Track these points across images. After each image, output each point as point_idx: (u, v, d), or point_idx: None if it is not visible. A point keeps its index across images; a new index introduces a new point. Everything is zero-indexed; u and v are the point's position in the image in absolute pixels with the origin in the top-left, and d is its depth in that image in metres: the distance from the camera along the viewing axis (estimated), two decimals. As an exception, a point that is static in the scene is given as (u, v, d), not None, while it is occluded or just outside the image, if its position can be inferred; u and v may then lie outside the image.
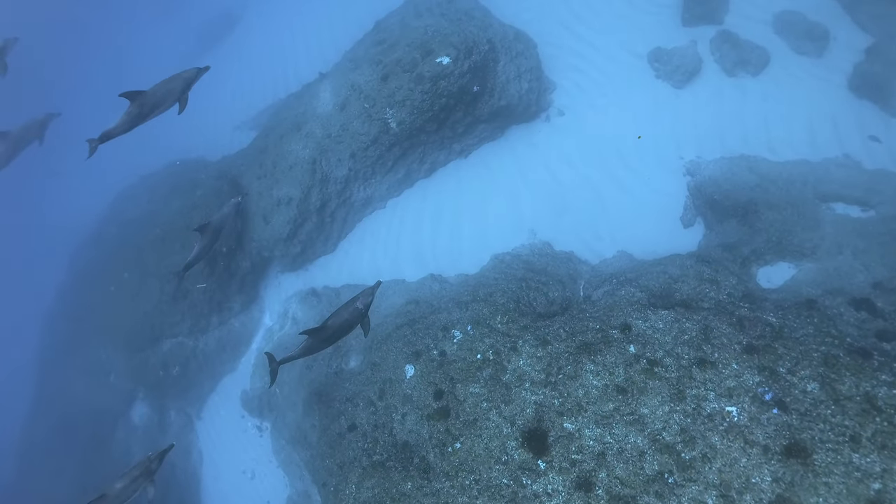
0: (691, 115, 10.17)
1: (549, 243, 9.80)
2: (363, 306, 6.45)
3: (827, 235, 8.14)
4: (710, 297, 7.69)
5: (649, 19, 11.32)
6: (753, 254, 8.50)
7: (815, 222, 8.31)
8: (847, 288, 7.39)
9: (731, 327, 6.76)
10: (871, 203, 8.25)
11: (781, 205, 8.53)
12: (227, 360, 12.28)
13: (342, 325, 6.44)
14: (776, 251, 8.43)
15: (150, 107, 6.42)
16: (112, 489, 6.98)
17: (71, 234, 16.19)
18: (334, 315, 6.44)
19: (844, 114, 9.30)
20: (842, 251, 7.87)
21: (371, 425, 7.97)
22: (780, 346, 6.28)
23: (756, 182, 8.91)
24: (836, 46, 9.90)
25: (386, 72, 10.43)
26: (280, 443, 10.77)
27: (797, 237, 8.26)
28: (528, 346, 7.32)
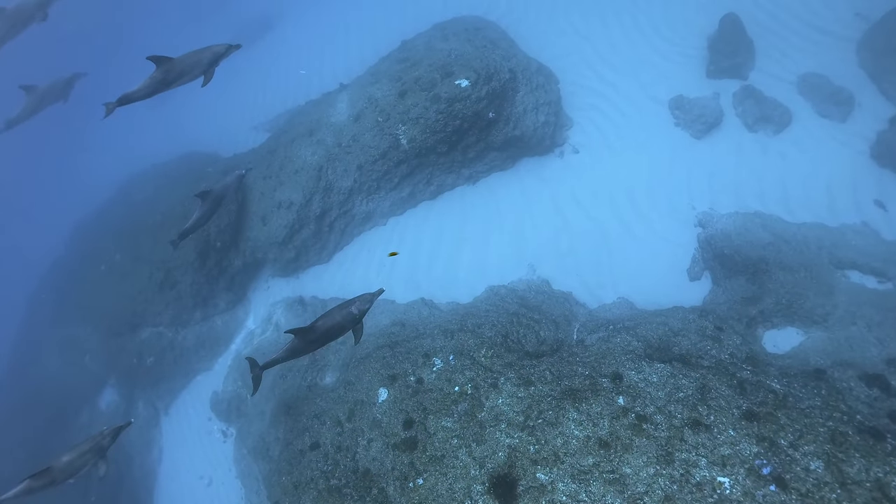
0: (708, 167, 9.90)
1: (548, 281, 9.41)
2: (358, 311, 5.85)
3: (840, 304, 7.67)
4: (710, 355, 7.21)
5: (674, 67, 11.22)
6: (761, 315, 8.03)
7: (828, 288, 7.86)
8: (859, 361, 6.88)
9: (731, 390, 6.28)
10: (888, 275, 7.82)
11: (794, 266, 8.10)
12: (204, 358, 11.96)
13: (332, 328, 5.85)
14: (785, 314, 7.97)
15: (175, 74, 6.25)
16: (59, 461, 6.58)
17: (79, 209, 16.20)
18: (325, 316, 5.85)
19: (865, 181, 8.98)
20: (855, 322, 7.39)
21: (335, 447, 7.55)
22: (783, 415, 5.78)
23: (769, 240, 8.51)
24: (861, 113, 9.67)
25: (404, 88, 10.39)
26: (242, 451, 10.32)
27: (809, 302, 7.80)
28: (510, 385, 6.88)
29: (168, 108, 20.16)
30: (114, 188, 15.83)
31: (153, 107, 20.81)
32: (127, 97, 6.15)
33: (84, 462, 6.69)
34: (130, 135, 20.55)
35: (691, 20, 11.67)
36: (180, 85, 6.44)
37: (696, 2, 11.97)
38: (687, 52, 11.33)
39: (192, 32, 21.21)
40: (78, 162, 22.35)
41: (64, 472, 6.56)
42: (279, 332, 10.90)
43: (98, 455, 6.78)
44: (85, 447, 6.72)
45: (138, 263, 12.03)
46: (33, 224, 19.99)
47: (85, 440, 6.85)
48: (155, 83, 6.16)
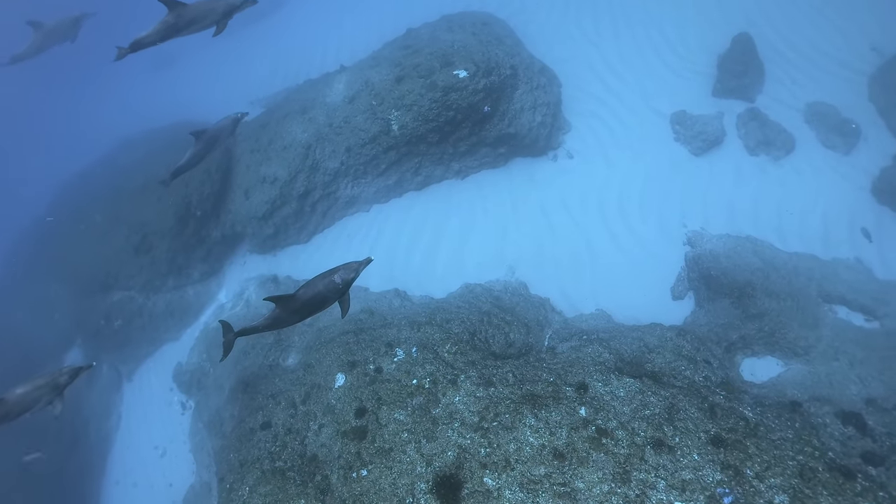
0: (703, 185, 9.60)
1: (526, 285, 9.08)
2: (341, 281, 5.15)
3: (824, 338, 7.36)
4: (684, 376, 6.88)
5: (680, 82, 10.96)
6: (741, 340, 7.72)
7: (814, 321, 7.55)
8: (837, 398, 6.56)
9: (701, 413, 5.94)
10: (877, 314, 7.52)
11: (781, 295, 7.79)
12: (172, 328, 11.65)
13: (314, 297, 5.19)
14: (766, 343, 7.65)
15: (187, 20, 5.98)
16: (11, 394, 6.15)
17: (72, 164, 15.86)
18: (307, 285, 5.20)
19: (863, 217, 8.71)
20: (838, 357, 7.09)
21: (285, 428, 7.27)
22: (751, 444, 5.45)
23: (758, 266, 8.20)
24: (866, 147, 9.42)
25: (402, 74, 10.11)
26: (198, 425, 10.03)
27: (792, 332, 7.48)
28: (469, 384, 6.53)
29: (169, 74, 19.94)
30: (103, 149, 15.52)
31: (155, 69, 20.62)
32: (138, 42, 5.90)
33: (39, 397, 6.26)
34: (130, 94, 20.25)
35: (704, 37, 11.43)
36: (192, 32, 6.19)
37: (710, 20, 11.75)
38: (696, 68, 11.08)
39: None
40: (83, 113, 21.98)
41: (17, 405, 6.15)
42: (249, 308, 10.57)
43: (54, 392, 6.34)
44: (41, 381, 6.29)
45: (116, 225, 11.74)
46: (30, 171, 19.52)
47: (41, 375, 6.44)
48: (166, 28, 5.91)
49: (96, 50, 12.74)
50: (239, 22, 18.54)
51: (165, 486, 10.02)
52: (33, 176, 17.72)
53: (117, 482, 10.69)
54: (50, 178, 16.26)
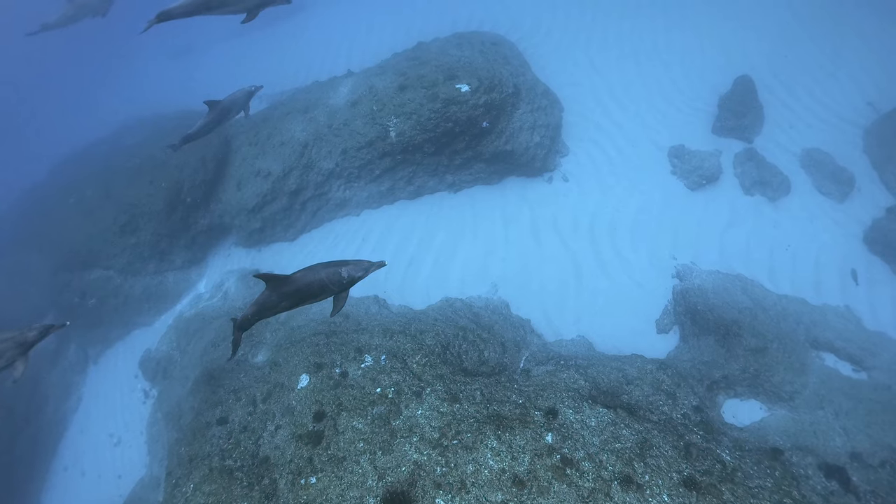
0: (696, 220, 9.45)
1: (508, 304, 8.82)
2: (347, 276, 4.54)
3: (810, 384, 7.08)
4: (661, 411, 6.58)
5: (681, 118, 10.95)
6: (724, 380, 7.42)
7: (800, 366, 7.27)
8: (821, 449, 6.25)
9: (676, 451, 5.63)
10: (864, 364, 7.25)
11: (769, 336, 7.53)
12: (147, 312, 11.38)
13: (311, 284, 4.56)
14: (750, 385, 7.36)
15: (219, 1, 5.88)
16: None
17: (78, 139, 15.74)
18: (307, 270, 4.58)
19: (855, 265, 8.54)
20: (823, 406, 6.79)
21: (241, 426, 6.96)
22: (727, 490, 5.13)
23: (747, 305, 7.97)
24: (859, 197, 9.36)
25: (405, 83, 10.10)
26: (157, 416, 9.69)
27: (777, 376, 7.20)
28: (434, 398, 6.23)
29: (183, 64, 20.09)
30: (109, 128, 15.42)
31: (171, 58, 20.83)
32: (167, 13, 5.78)
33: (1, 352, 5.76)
34: (143, 78, 20.37)
35: (707, 77, 11.51)
36: (221, 14, 6.11)
37: (715, 61, 11.87)
38: (697, 105, 11.10)
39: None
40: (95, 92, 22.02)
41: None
42: (227, 300, 10.31)
43: (18, 350, 5.69)
44: (6, 335, 5.69)
45: (106, 203, 11.56)
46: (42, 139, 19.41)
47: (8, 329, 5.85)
48: (197, 4, 5.82)
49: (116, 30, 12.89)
50: (257, 22, 18.96)
51: (114, 477, 9.56)
52: (38, 147, 17.57)
53: (66, 468, 10.20)
54: (53, 151, 16.09)
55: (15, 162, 18.20)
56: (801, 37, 12.32)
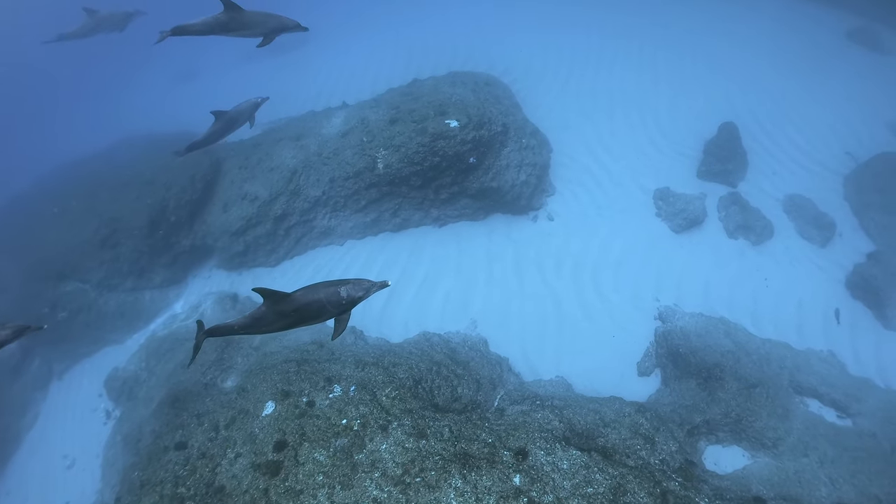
0: (680, 263, 9.41)
1: (486, 341, 8.63)
2: (347, 297, 4.18)
3: (794, 431, 6.83)
4: (638, 455, 6.31)
5: (667, 161, 11.11)
6: (706, 425, 7.17)
7: (784, 412, 7.05)
8: (806, 499, 5.97)
9: (651, 499, 5.36)
10: (849, 411, 7.03)
11: (751, 380, 7.34)
12: (119, 330, 11.00)
13: (311, 304, 4.22)
14: (732, 431, 7.10)
15: (239, 23, 5.94)
16: None
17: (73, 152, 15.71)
18: (308, 289, 4.26)
19: (838, 308, 8.42)
20: (807, 454, 6.52)
21: (200, 452, 6.66)
22: (702, 541, 4.84)
23: (730, 348, 7.81)
24: (841, 242, 9.39)
25: (397, 116, 10.31)
26: (116, 438, 9.24)
27: (760, 422, 6.96)
28: (400, 432, 5.97)
29: (189, 85, 20.41)
30: (106, 143, 15.47)
31: (178, 79, 21.22)
32: (183, 28, 5.86)
33: None
34: (147, 98, 20.50)
35: (692, 124, 11.78)
36: (239, 36, 6.21)
37: (700, 109, 12.20)
38: (683, 150, 11.29)
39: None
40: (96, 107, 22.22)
41: None
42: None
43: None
44: None
45: (89, 215, 11.44)
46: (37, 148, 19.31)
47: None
48: (216, 24, 5.93)
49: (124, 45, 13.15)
50: (265, 51, 19.47)
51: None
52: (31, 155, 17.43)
53: (8, 493, 9.59)
54: (46, 160, 16.03)
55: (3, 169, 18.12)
56: (783, 88, 12.78)
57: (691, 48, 14.33)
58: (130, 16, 10.10)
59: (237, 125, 8.19)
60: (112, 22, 10.04)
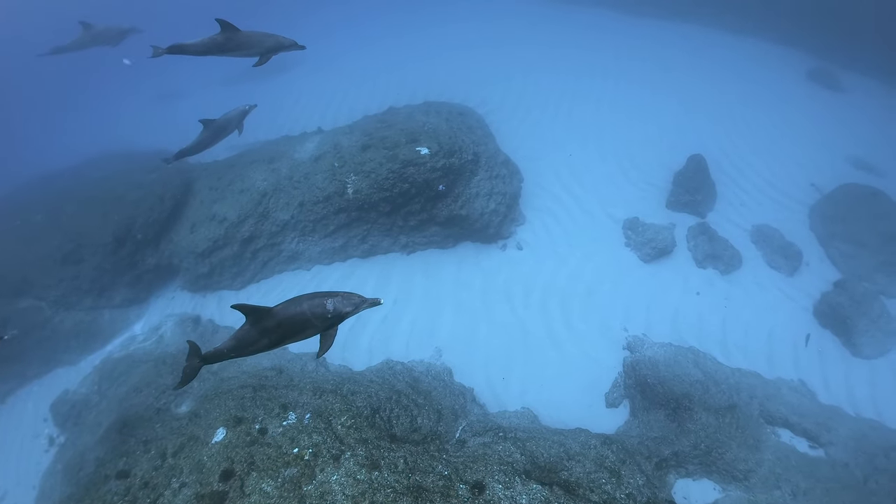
0: (649, 292, 9.33)
1: (451, 370, 8.35)
2: (333, 311, 3.85)
3: (765, 462, 6.60)
4: (603, 490, 6.01)
5: (637, 192, 11.23)
6: (675, 457, 6.91)
7: (755, 442, 6.83)
8: (774, 536, 5.67)
9: (614, 536, 5.06)
10: (820, 441, 6.84)
11: (721, 411, 7.14)
12: (73, 350, 10.44)
13: (293, 318, 3.87)
14: (702, 463, 6.84)
15: (235, 44, 5.89)
16: None
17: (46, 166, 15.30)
18: (290, 302, 3.94)
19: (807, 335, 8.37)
20: (780, 485, 6.29)
21: (143, 482, 6.18)
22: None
23: (699, 378, 7.64)
24: (808, 271, 9.45)
25: (369, 143, 10.32)
26: (56, 467, 8.62)
27: (731, 453, 6.72)
28: (353, 463, 5.63)
29: (168, 105, 20.25)
30: (80, 158, 15.10)
31: (158, 98, 21.11)
32: (180, 47, 5.80)
33: None
34: (125, 116, 20.16)
35: (663, 156, 11.99)
36: (235, 56, 6.17)
37: (671, 142, 12.48)
38: (653, 181, 11.44)
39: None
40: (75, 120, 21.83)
41: None
42: (161, 344, 9.68)
43: None
44: None
45: (53, 230, 11.10)
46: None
47: None
48: (213, 44, 5.89)
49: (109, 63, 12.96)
50: (246, 75, 19.57)
51: (-18, 544, 8.26)
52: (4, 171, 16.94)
53: None
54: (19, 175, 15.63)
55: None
56: (750, 122, 13.19)
57: (664, 85, 14.86)
58: (126, 32, 10.14)
59: (226, 133, 8.21)
60: (107, 37, 10.07)
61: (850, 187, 10.79)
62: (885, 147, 12.75)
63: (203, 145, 8.06)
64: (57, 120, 22.35)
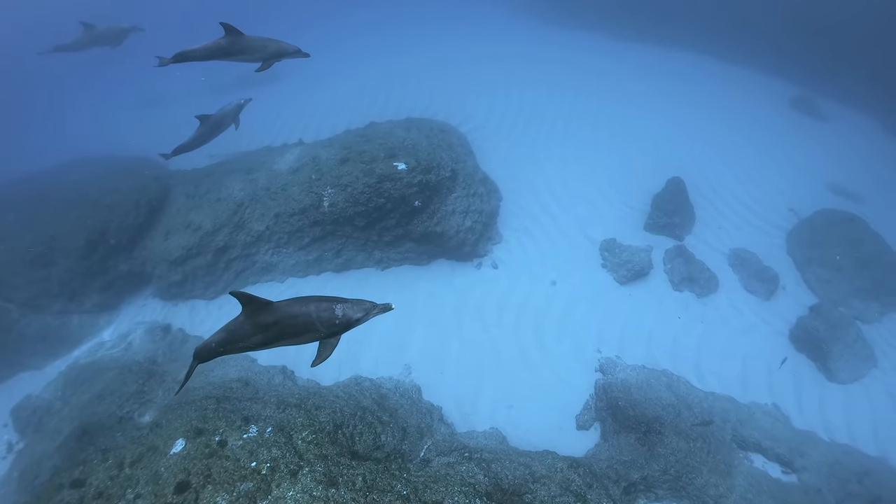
0: (624, 314, 9.24)
1: (420, 388, 8.14)
2: (341, 317, 3.39)
3: (737, 488, 6.45)
4: (567, 515, 5.82)
5: (615, 213, 11.24)
6: (644, 482, 6.73)
7: (727, 468, 6.68)
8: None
9: (576, 564, 4.86)
10: (794, 466, 6.71)
11: (692, 435, 7.01)
12: (38, 354, 10.13)
13: (295, 318, 3.42)
14: (672, 488, 6.67)
15: (238, 48, 5.80)
16: None
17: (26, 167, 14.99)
18: (295, 300, 3.53)
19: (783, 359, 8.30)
20: (748, 513, 6.11)
21: (97, 492, 5.94)
22: None
23: (671, 402, 7.51)
24: (784, 295, 9.42)
25: (347, 156, 10.28)
26: (12, 475, 8.26)
27: (701, 479, 6.56)
28: (310, 479, 5.43)
29: (153, 111, 20.04)
30: (60, 160, 14.84)
31: (144, 103, 20.93)
32: (184, 55, 5.68)
33: None
34: (110, 120, 19.93)
35: (643, 179, 12.05)
36: (237, 61, 6.04)
37: (651, 165, 12.56)
38: (631, 203, 11.47)
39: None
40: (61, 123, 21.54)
41: None
42: (129, 351, 9.42)
43: None
44: None
45: (24, 231, 10.84)
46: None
47: None
48: (217, 49, 5.80)
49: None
50: (234, 84, 19.51)
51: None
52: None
53: None
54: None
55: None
56: (732, 147, 13.36)
57: (647, 106, 15.09)
58: (127, 32, 10.04)
59: (222, 128, 8.19)
60: (108, 37, 9.98)
61: (829, 212, 10.88)
62: (864, 174, 12.98)
63: (200, 141, 8.05)
64: (41, 121, 22.14)
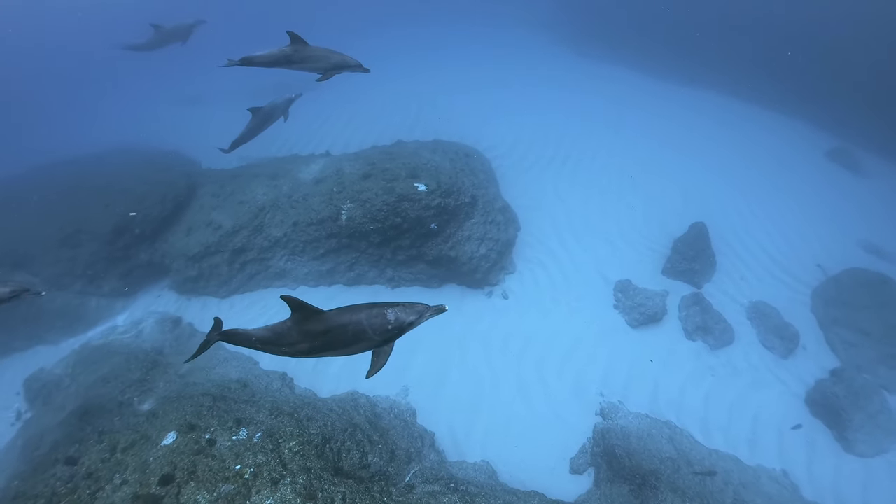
0: (631, 358, 8.95)
1: (415, 412, 8.05)
2: (395, 322, 3.23)
3: (724, 559, 6.05)
4: (546, 563, 5.60)
5: (633, 254, 11.00)
6: (631, 539, 6.41)
7: (719, 535, 6.31)
8: None
9: None
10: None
11: (689, 493, 6.67)
12: (56, 330, 10.57)
13: (345, 327, 3.28)
14: (660, 550, 6.32)
15: (301, 57, 6.03)
16: None
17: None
18: (345, 309, 3.39)
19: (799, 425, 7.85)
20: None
21: (88, 471, 6.09)
22: None
23: (670, 455, 7.20)
24: (803, 355, 8.94)
25: (370, 172, 10.46)
26: (16, 443, 8.55)
27: (691, 544, 6.21)
28: (290, 491, 5.43)
29: (189, 110, 20.61)
30: (102, 148, 15.36)
31: (181, 102, 21.73)
32: (249, 59, 5.99)
33: None
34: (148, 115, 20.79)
35: (666, 220, 11.79)
36: (299, 69, 6.25)
37: (677, 209, 12.28)
38: (652, 246, 11.21)
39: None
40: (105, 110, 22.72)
41: None
42: (139, 338, 9.72)
43: None
44: None
45: (61, 212, 11.52)
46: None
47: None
48: (281, 56, 6.08)
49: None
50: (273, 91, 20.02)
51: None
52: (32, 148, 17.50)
53: None
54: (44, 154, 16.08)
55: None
56: (762, 196, 12.94)
57: (679, 147, 14.81)
58: (193, 27, 10.64)
59: (272, 119, 8.65)
60: (177, 34, 10.63)
61: (858, 272, 10.36)
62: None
63: (253, 132, 8.59)
64: (90, 110, 23.34)
